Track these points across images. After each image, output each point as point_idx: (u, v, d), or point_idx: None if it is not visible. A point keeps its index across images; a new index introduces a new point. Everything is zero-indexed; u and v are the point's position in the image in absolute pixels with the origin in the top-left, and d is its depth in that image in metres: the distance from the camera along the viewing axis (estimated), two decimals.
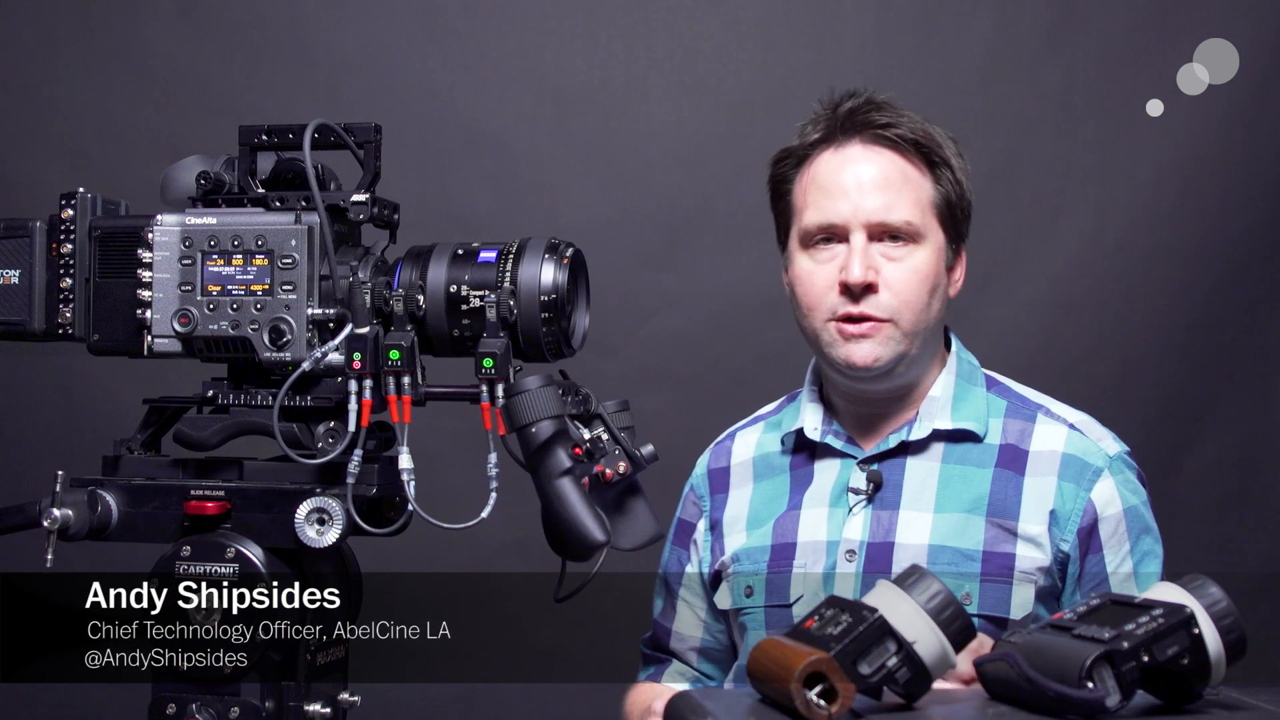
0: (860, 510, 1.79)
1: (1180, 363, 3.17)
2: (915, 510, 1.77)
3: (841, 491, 1.81)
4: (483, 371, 1.49)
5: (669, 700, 1.38)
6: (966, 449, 1.80)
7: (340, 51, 3.22)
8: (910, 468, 1.80)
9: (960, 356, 1.88)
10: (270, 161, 1.61)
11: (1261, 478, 3.19)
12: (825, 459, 1.85)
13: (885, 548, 1.76)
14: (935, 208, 1.80)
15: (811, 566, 1.78)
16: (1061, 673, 1.17)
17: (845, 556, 1.77)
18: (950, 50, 3.21)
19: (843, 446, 1.83)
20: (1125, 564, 1.78)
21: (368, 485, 1.52)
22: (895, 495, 1.78)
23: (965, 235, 1.85)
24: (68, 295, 1.59)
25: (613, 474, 1.54)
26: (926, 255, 1.78)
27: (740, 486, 1.91)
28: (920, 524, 1.76)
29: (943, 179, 1.80)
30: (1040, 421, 1.82)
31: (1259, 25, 3.14)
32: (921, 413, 1.81)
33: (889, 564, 1.74)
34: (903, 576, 1.28)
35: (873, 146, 1.79)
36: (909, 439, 1.80)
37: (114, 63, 3.19)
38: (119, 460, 1.60)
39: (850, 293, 1.76)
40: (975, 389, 1.85)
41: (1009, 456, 1.79)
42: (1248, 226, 3.16)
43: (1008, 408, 1.84)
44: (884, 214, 1.76)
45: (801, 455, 1.88)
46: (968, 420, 1.81)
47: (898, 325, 1.76)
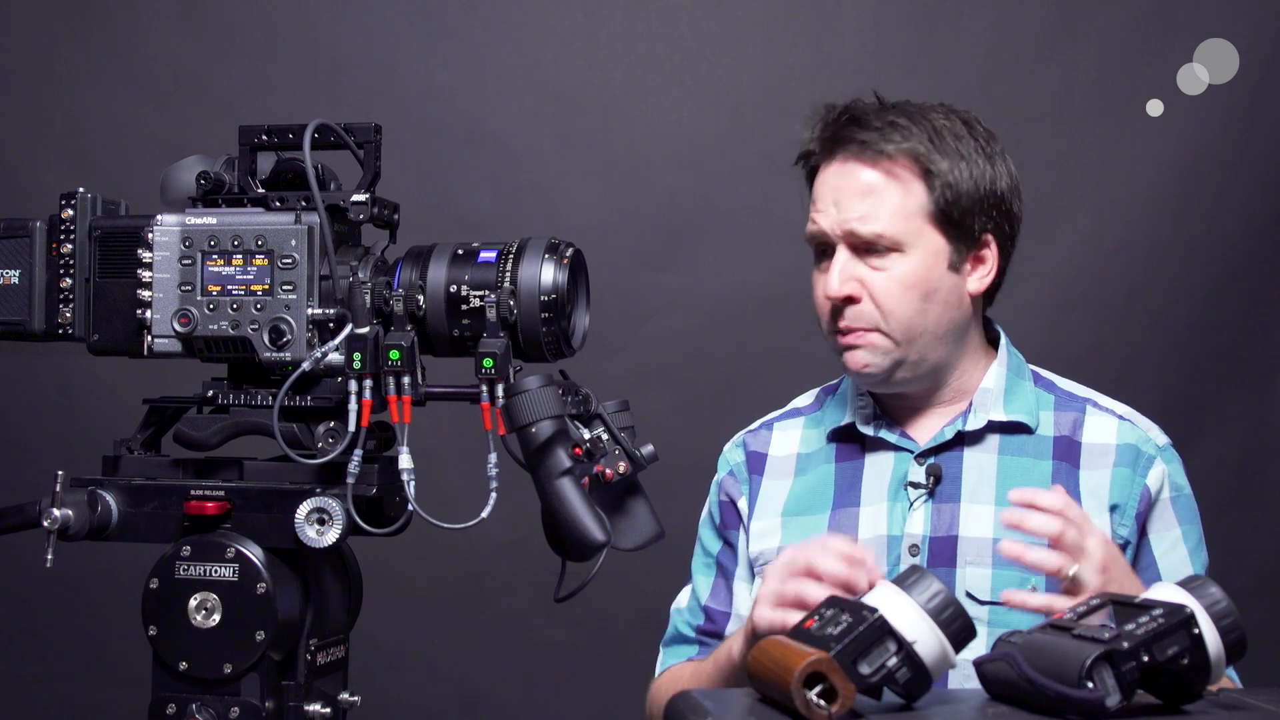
0: (921, 505, 1.79)
1: (1180, 363, 3.17)
2: (976, 503, 1.77)
3: (899, 486, 1.81)
4: (483, 371, 1.49)
5: (669, 700, 1.37)
6: (1022, 441, 1.81)
7: (340, 51, 3.22)
8: (968, 460, 1.81)
9: (1010, 351, 1.90)
10: (270, 161, 1.60)
11: (1261, 478, 3.19)
12: (877, 452, 1.85)
13: (949, 541, 1.76)
14: (928, 213, 1.79)
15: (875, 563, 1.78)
16: (1061, 673, 1.17)
17: (909, 551, 1.77)
18: (950, 50, 3.21)
19: (897, 440, 1.84)
20: (1178, 548, 1.80)
21: (368, 485, 1.52)
22: (955, 488, 1.79)
23: (985, 228, 1.82)
24: (68, 295, 1.59)
25: (613, 474, 1.53)
26: (911, 263, 1.78)
27: (779, 478, 1.90)
28: (983, 516, 1.76)
29: (936, 183, 1.78)
30: (1090, 414, 1.84)
31: (1259, 25, 3.14)
32: (975, 404, 1.83)
33: (953, 558, 1.75)
34: (903, 576, 1.28)
35: (851, 162, 1.80)
36: (965, 429, 1.81)
37: (114, 63, 3.19)
38: (119, 460, 1.60)
39: (834, 305, 1.79)
40: (1024, 382, 1.87)
41: (1064, 449, 1.81)
42: (1248, 226, 3.16)
43: (1055, 401, 1.86)
44: (857, 226, 1.78)
45: (849, 448, 1.87)
46: (1020, 413, 1.83)
47: (886, 334, 1.78)
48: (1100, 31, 3.20)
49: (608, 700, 2.25)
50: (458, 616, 3.20)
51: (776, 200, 2.83)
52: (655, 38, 3.24)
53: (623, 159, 3.23)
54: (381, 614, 1.98)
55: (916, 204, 1.79)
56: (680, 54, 3.24)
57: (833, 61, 3.18)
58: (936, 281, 1.79)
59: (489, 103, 3.22)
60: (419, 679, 3.15)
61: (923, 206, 1.79)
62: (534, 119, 3.23)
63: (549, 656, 3.16)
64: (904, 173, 1.79)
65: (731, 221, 3.16)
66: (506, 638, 3.18)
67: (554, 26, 3.24)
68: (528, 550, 1.90)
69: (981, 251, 1.83)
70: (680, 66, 3.23)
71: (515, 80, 3.23)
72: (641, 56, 3.24)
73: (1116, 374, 3.13)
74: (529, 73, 3.23)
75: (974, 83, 3.17)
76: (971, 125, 1.84)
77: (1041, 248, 3.17)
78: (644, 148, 3.23)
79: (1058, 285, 3.17)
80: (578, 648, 3.12)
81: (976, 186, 1.80)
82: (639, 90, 3.24)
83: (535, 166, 3.22)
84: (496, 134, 3.22)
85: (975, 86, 3.17)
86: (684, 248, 3.21)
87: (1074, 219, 3.18)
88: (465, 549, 2.80)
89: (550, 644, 3.14)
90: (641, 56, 3.24)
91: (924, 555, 1.77)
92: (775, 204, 2.86)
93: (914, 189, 1.79)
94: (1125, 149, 3.17)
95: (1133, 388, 3.13)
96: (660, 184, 3.22)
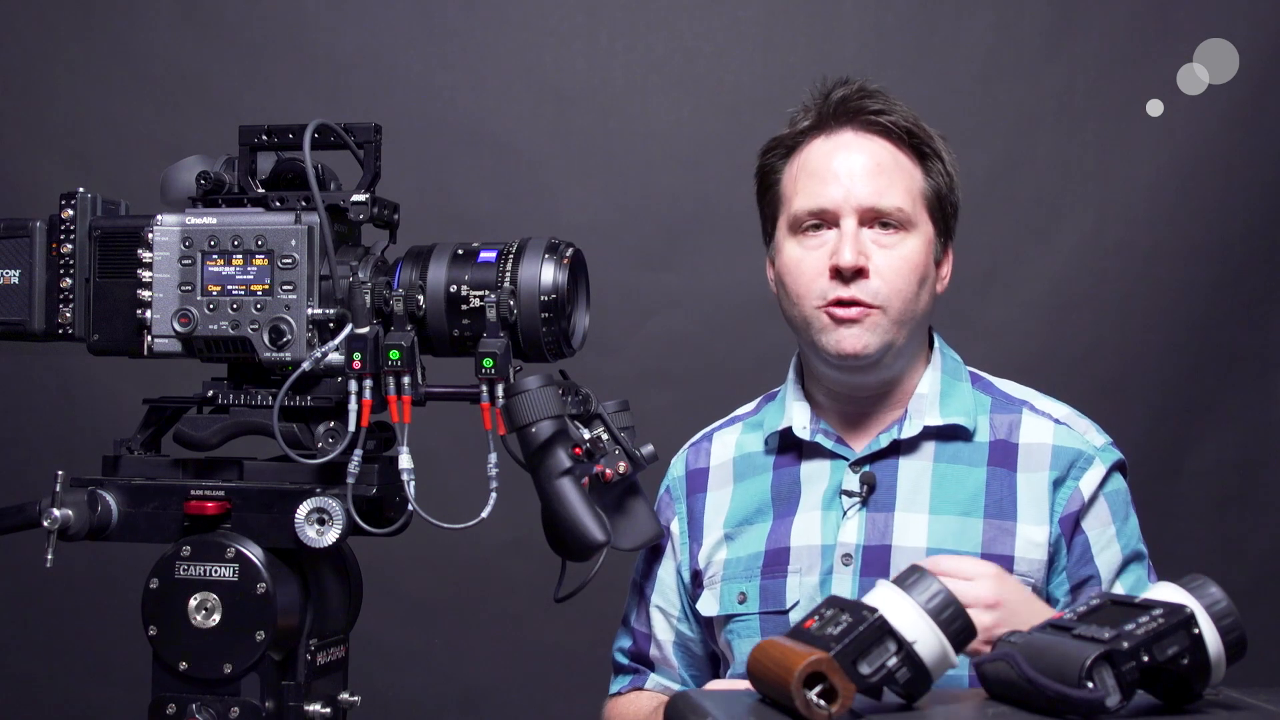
0: (855, 513, 1.77)
1: (1180, 363, 3.17)
2: (911, 512, 1.76)
3: (834, 494, 1.79)
4: (483, 371, 1.49)
5: (669, 700, 1.38)
6: (958, 448, 1.79)
7: (340, 51, 3.22)
8: (903, 468, 1.79)
9: (944, 353, 1.87)
10: (270, 161, 1.61)
11: (1261, 478, 3.19)
12: (814, 460, 1.83)
13: (882, 551, 1.75)
14: (925, 198, 1.80)
15: (807, 572, 1.77)
16: (1061, 673, 1.17)
17: (841, 560, 1.75)
18: (950, 50, 3.21)
19: (833, 447, 1.82)
20: (1112, 547, 1.77)
21: (368, 485, 1.52)
22: (890, 497, 1.77)
23: (953, 233, 1.85)
24: (68, 295, 1.59)
25: (613, 474, 1.54)
26: (916, 245, 1.78)
27: (720, 488, 1.89)
28: (917, 526, 1.75)
29: (933, 171, 1.80)
30: (1026, 416, 1.81)
31: (1259, 25, 3.14)
32: (910, 410, 1.80)
33: (886, 567, 1.73)
34: (903, 576, 1.28)
35: (864, 133, 1.79)
36: (900, 438, 1.79)
37: (114, 63, 3.19)
38: (119, 460, 1.60)
39: (841, 276, 1.75)
40: (961, 384, 1.84)
41: (1000, 453, 1.78)
42: (1248, 226, 3.16)
43: (993, 404, 1.83)
44: (876, 199, 1.76)
45: (787, 455, 1.86)
46: (957, 415, 1.80)
47: (886, 313, 1.75)
48: (1100, 31, 3.20)
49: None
50: (458, 616, 3.20)
51: None
52: (655, 38, 3.23)
53: (623, 159, 3.23)
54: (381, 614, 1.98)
55: (918, 186, 1.80)
56: (680, 54, 3.24)
57: (833, 61, 3.14)
58: (928, 269, 1.80)
59: (489, 103, 3.22)
60: (419, 679, 3.15)
61: (922, 190, 1.80)
62: (534, 119, 3.23)
63: (549, 656, 3.16)
64: (911, 154, 1.80)
65: (731, 221, 3.14)
66: (506, 638, 3.17)
67: (554, 26, 3.24)
68: (528, 550, 1.91)
69: (948, 252, 1.85)
70: (680, 66, 3.23)
71: (515, 80, 3.23)
72: (641, 56, 3.24)
73: (1116, 374, 3.14)
74: (529, 73, 3.23)
75: (974, 83, 3.17)
76: (934, 131, 1.84)
77: (1041, 248, 3.18)
78: (644, 148, 3.23)
79: (1058, 285, 3.17)
80: (578, 648, 3.11)
81: (954, 186, 1.83)
82: (639, 90, 3.24)
83: (535, 166, 3.22)
84: (496, 134, 3.22)
85: (975, 86, 3.17)
86: (684, 248, 3.21)
87: (1074, 219, 3.18)
88: (465, 549, 2.80)
89: (550, 644, 3.14)
90: (641, 56, 3.24)
91: (856, 564, 1.75)
92: None
93: (917, 171, 1.80)
94: (1125, 149, 3.17)
95: (1133, 388, 3.15)
96: (660, 184, 3.22)
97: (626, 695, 1.93)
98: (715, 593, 1.83)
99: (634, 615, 1.94)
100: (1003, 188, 3.09)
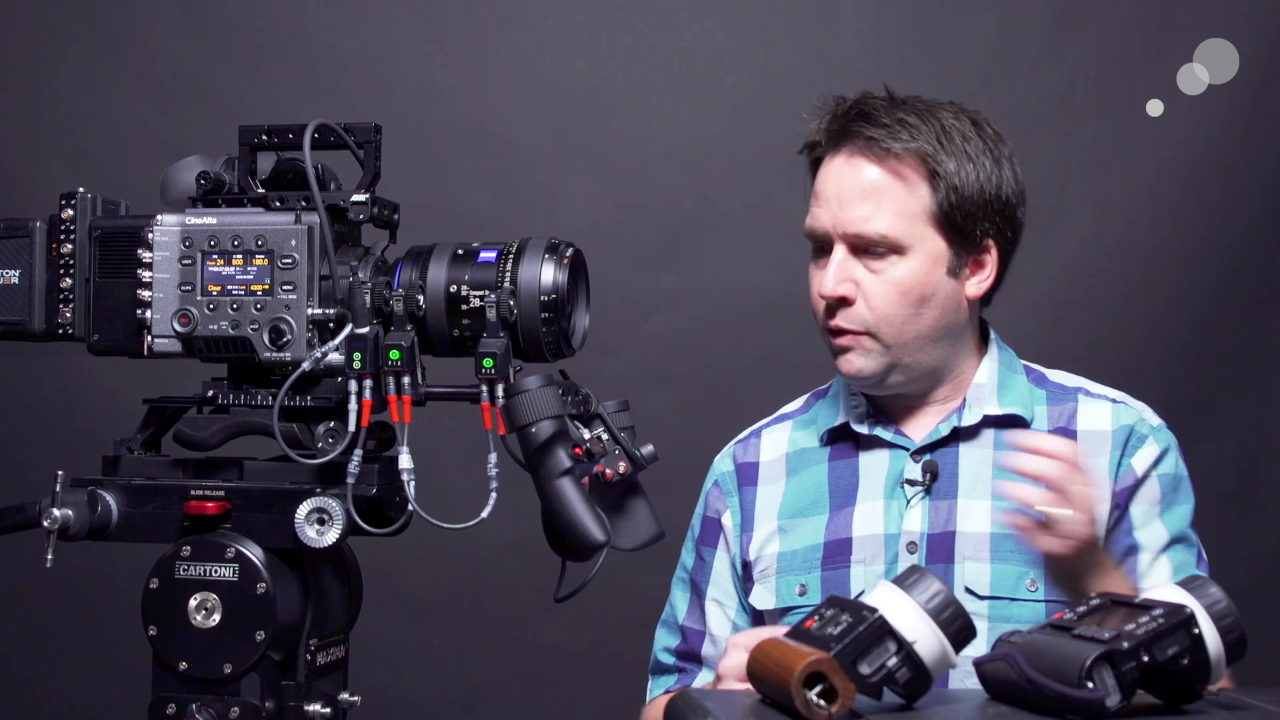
0: (918, 501, 1.78)
1: (1180, 363, 3.17)
2: (973, 498, 1.77)
3: (895, 483, 1.80)
4: (483, 371, 1.49)
5: (669, 700, 1.37)
6: (1016, 434, 1.78)
7: (340, 51, 3.22)
8: (964, 455, 1.79)
9: (1000, 346, 1.89)
10: (270, 161, 1.60)
11: (1261, 478, 3.19)
12: (872, 450, 1.84)
13: (947, 537, 1.75)
14: (930, 216, 1.76)
15: (871, 561, 1.77)
16: (1061, 673, 1.17)
17: (907, 549, 1.76)
18: (950, 50, 3.21)
19: (892, 437, 1.83)
20: (1155, 524, 1.77)
21: (368, 485, 1.52)
22: (952, 484, 1.78)
23: (987, 233, 1.80)
24: (68, 295, 1.59)
25: (613, 474, 1.53)
26: (910, 267, 1.76)
27: (772, 482, 1.89)
28: (979, 512, 1.75)
29: (941, 185, 1.76)
30: (1083, 402, 1.83)
31: (1259, 25, 3.14)
32: (969, 399, 1.82)
33: (951, 554, 1.74)
34: (903, 576, 1.28)
35: (856, 158, 1.78)
36: (960, 425, 1.80)
37: (114, 63, 3.19)
38: (119, 460, 1.60)
39: (828, 305, 1.77)
40: (1017, 376, 1.86)
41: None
42: (1248, 226, 3.16)
43: (1048, 396, 1.85)
44: (859, 226, 1.76)
45: (844, 446, 1.86)
46: (1014, 405, 1.82)
47: (877, 338, 1.76)
48: (1100, 31, 3.20)
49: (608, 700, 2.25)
50: (458, 616, 3.20)
51: (777, 200, 2.83)
52: (655, 38, 3.23)
53: (623, 159, 3.23)
54: (381, 614, 1.98)
55: (920, 205, 1.76)
56: (680, 54, 3.24)
57: (833, 61, 3.18)
58: (934, 286, 1.77)
59: (489, 103, 3.22)
60: (419, 679, 3.15)
61: (926, 208, 1.77)
62: (534, 119, 3.23)
63: (549, 656, 3.16)
64: (910, 172, 1.76)
65: (731, 221, 3.16)
66: (506, 638, 3.17)
67: (554, 26, 3.24)
68: (528, 550, 1.90)
69: (982, 256, 1.81)
70: (680, 66, 3.23)
71: (515, 80, 3.23)
72: (641, 56, 3.24)
73: (1116, 374, 3.11)
74: (529, 73, 3.23)
75: (974, 83, 3.16)
76: (980, 126, 1.82)
77: (1041, 248, 3.17)
78: (644, 148, 3.23)
79: (1058, 285, 3.17)
80: (578, 648, 3.12)
81: (982, 190, 1.78)
82: (639, 90, 3.24)
83: (535, 166, 3.22)
84: (496, 134, 3.22)
85: (975, 86, 3.16)
86: (684, 248, 3.21)
87: (1074, 219, 3.18)
88: (465, 549, 2.80)
89: (550, 644, 3.14)
90: (641, 56, 3.24)
91: (922, 552, 1.76)
92: (775, 204, 2.87)
93: (919, 190, 1.77)
94: (1125, 149, 3.17)
95: (1133, 388, 3.11)
96: (660, 184, 3.22)
97: (665, 696, 1.90)
98: (770, 586, 1.83)
99: (684, 612, 1.93)
100: None
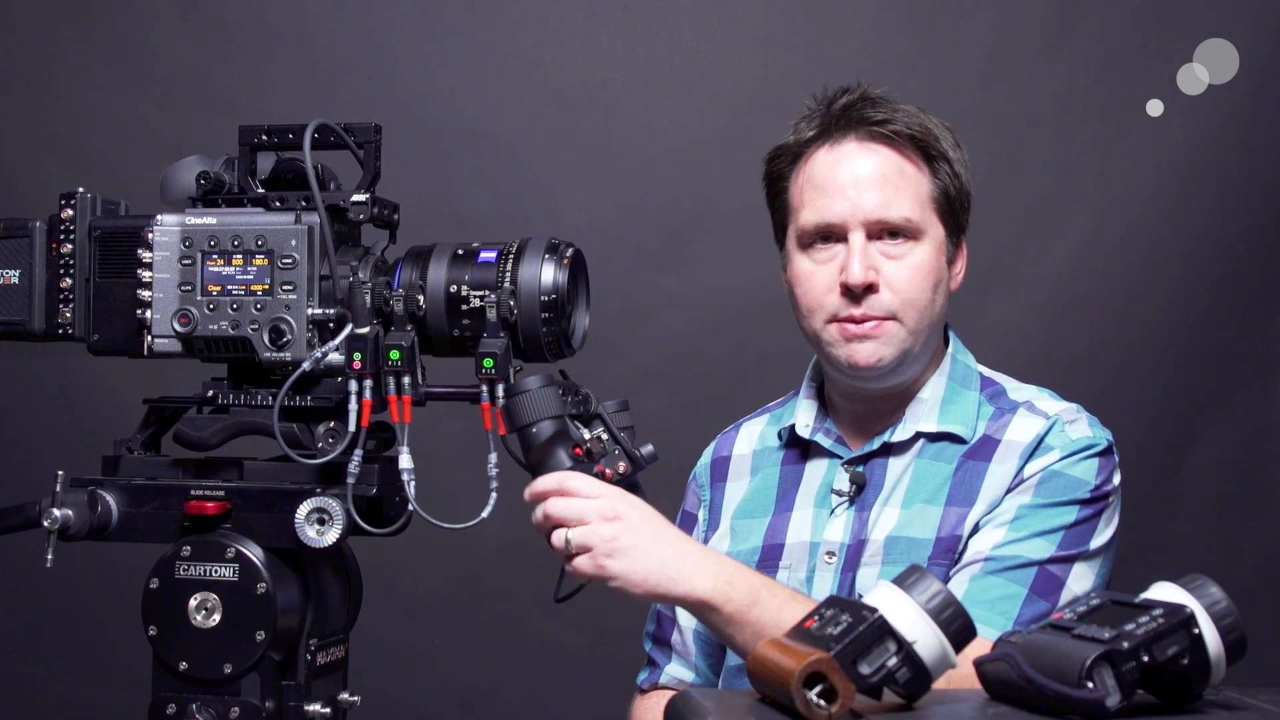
0: (842, 511, 1.78)
1: (1180, 363, 3.17)
2: (888, 506, 1.77)
3: (826, 492, 1.81)
4: (483, 371, 1.49)
5: (669, 700, 1.37)
6: (943, 445, 1.78)
7: (340, 51, 3.22)
8: (891, 467, 1.79)
9: (955, 358, 1.86)
10: (270, 161, 1.60)
11: (1261, 478, 3.19)
12: (817, 458, 1.85)
13: (862, 547, 1.75)
14: (934, 202, 1.78)
15: (796, 569, 1.78)
16: (1061, 673, 1.17)
17: (825, 558, 1.77)
18: (950, 50, 3.21)
19: (830, 446, 1.83)
20: (1009, 509, 1.69)
21: (368, 485, 1.52)
22: (875, 495, 1.78)
23: (965, 227, 1.84)
24: (68, 295, 1.59)
25: (613, 474, 1.54)
26: (927, 251, 1.77)
27: (738, 479, 1.91)
28: (888, 519, 1.75)
29: (940, 172, 1.79)
30: (1020, 415, 1.78)
31: (1259, 25, 3.14)
32: (907, 414, 1.80)
33: (858, 563, 1.74)
34: (903, 576, 1.28)
35: (868, 143, 1.78)
36: (891, 440, 1.79)
37: (114, 63, 3.19)
38: (119, 460, 1.60)
39: (851, 294, 1.75)
40: (968, 392, 1.82)
41: (980, 447, 1.76)
42: (1248, 226, 3.16)
43: (994, 413, 1.80)
44: (883, 211, 1.75)
45: (794, 451, 1.88)
46: (955, 424, 1.79)
47: (901, 323, 1.75)
48: (1100, 31, 3.20)
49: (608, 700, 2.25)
50: (458, 616, 3.20)
51: None
52: (655, 38, 3.23)
53: (623, 159, 3.23)
54: (381, 614, 1.98)
55: (926, 191, 1.78)
56: (680, 54, 3.24)
57: (833, 61, 3.17)
58: (941, 272, 1.79)
59: (489, 103, 3.22)
60: (419, 679, 3.15)
61: (930, 194, 1.79)
62: (534, 119, 3.23)
63: (549, 657, 3.16)
64: (916, 158, 1.78)
65: (731, 221, 3.15)
66: (506, 638, 3.17)
67: (554, 26, 3.24)
68: (528, 550, 1.90)
69: (961, 248, 1.85)
70: (680, 66, 3.23)
71: (515, 80, 3.23)
72: (641, 56, 3.24)
73: (1116, 374, 3.14)
74: (529, 73, 3.23)
75: (974, 83, 3.17)
76: (940, 125, 1.83)
77: (1041, 248, 3.18)
78: (644, 148, 3.23)
79: (1058, 285, 3.17)
80: (578, 648, 3.12)
81: (963, 182, 1.82)
82: (639, 90, 3.24)
83: (535, 166, 3.22)
84: (496, 134, 3.22)
85: (975, 86, 3.17)
86: (684, 248, 3.21)
87: (1074, 219, 3.18)
88: (465, 549, 2.80)
89: (550, 644, 3.14)
90: (641, 56, 3.24)
91: (839, 561, 1.75)
92: None
93: (924, 175, 1.79)
94: (1125, 149, 3.17)
95: (1133, 388, 3.15)
96: (660, 184, 3.22)
97: (649, 698, 1.92)
98: None
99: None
100: (1003, 188, 3.08)
